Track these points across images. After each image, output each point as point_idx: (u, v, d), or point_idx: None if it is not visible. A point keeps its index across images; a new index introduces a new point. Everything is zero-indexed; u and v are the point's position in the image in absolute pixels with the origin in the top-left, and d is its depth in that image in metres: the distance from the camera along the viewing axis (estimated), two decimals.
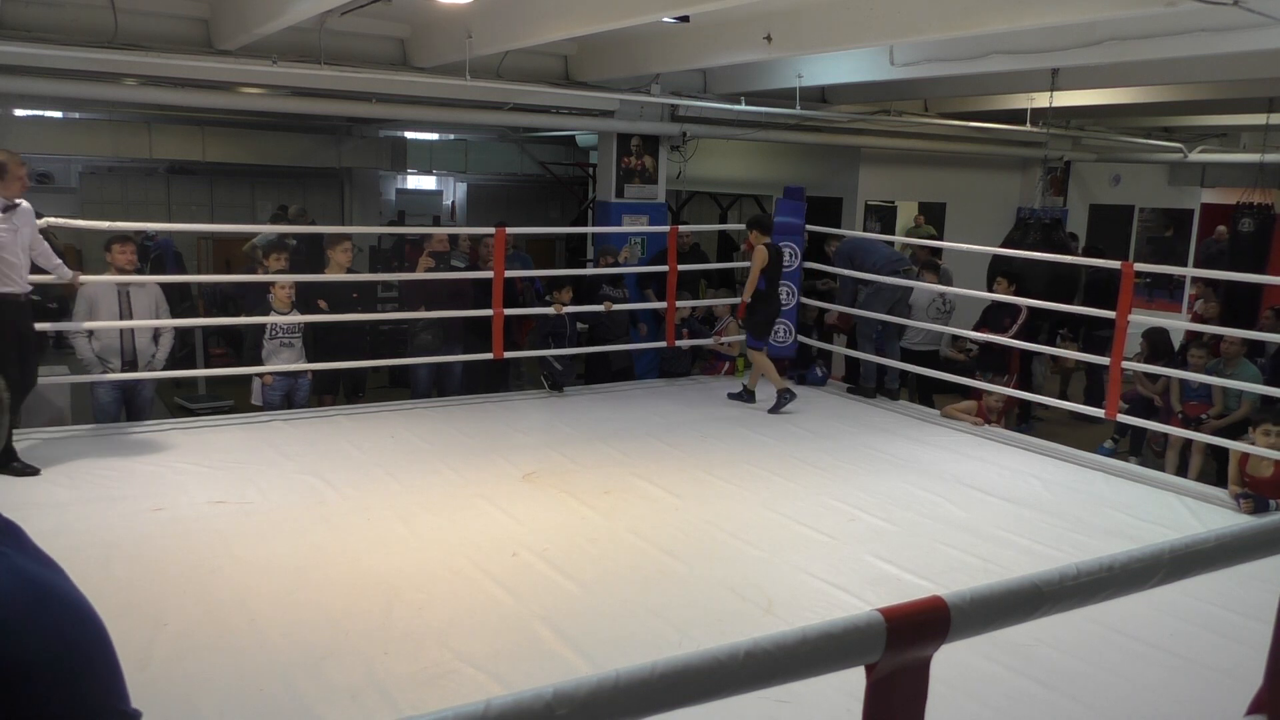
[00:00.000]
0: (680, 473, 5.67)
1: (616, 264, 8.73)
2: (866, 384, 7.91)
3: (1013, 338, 7.79)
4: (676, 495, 5.29)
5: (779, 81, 8.64)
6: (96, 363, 6.23)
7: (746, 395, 7.45)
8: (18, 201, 5.13)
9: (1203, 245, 12.98)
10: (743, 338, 8.68)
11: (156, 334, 6.47)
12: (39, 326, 5.90)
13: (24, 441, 5.77)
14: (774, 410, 7.15)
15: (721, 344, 8.65)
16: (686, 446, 6.22)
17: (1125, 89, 8.86)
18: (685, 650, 1.30)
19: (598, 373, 8.43)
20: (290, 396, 6.80)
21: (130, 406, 6.44)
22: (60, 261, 5.68)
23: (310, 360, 6.82)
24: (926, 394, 8.31)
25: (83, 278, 5.98)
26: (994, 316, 8.14)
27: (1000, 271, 8.11)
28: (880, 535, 4.80)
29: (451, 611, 3.80)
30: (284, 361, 6.67)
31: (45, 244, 5.49)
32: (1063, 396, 8.87)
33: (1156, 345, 7.55)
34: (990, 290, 8.16)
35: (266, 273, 6.98)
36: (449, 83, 7.75)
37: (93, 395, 6.35)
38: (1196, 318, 8.73)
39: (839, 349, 8.67)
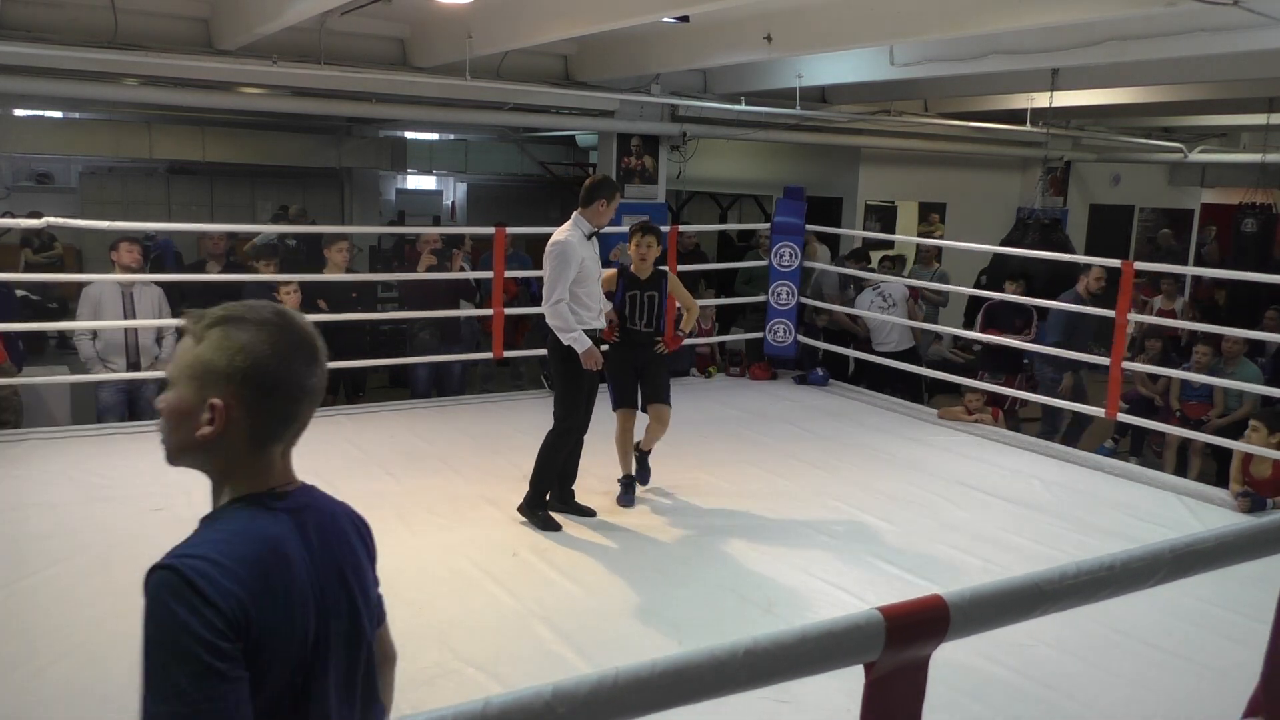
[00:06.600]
0: (680, 472, 5.68)
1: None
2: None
3: (1028, 341, 7.66)
4: (676, 495, 5.30)
5: (779, 81, 8.63)
6: (99, 363, 6.23)
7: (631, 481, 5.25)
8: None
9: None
10: (723, 339, 8.66)
11: (159, 334, 6.48)
12: (38, 327, 5.90)
13: (25, 442, 5.78)
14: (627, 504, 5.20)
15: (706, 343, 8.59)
16: (686, 446, 6.22)
17: (1125, 89, 8.85)
18: (685, 650, 1.30)
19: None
20: None
21: (133, 406, 6.45)
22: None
23: None
24: (914, 394, 8.18)
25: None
26: (1003, 317, 8.02)
27: (1014, 274, 8.03)
28: (880, 535, 4.81)
29: (451, 611, 3.80)
30: None
31: None
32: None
33: (1165, 344, 7.52)
34: (1001, 291, 8.07)
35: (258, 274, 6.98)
36: (449, 83, 7.75)
37: (97, 395, 6.36)
38: (1163, 314, 8.68)
39: (838, 349, 8.66)
